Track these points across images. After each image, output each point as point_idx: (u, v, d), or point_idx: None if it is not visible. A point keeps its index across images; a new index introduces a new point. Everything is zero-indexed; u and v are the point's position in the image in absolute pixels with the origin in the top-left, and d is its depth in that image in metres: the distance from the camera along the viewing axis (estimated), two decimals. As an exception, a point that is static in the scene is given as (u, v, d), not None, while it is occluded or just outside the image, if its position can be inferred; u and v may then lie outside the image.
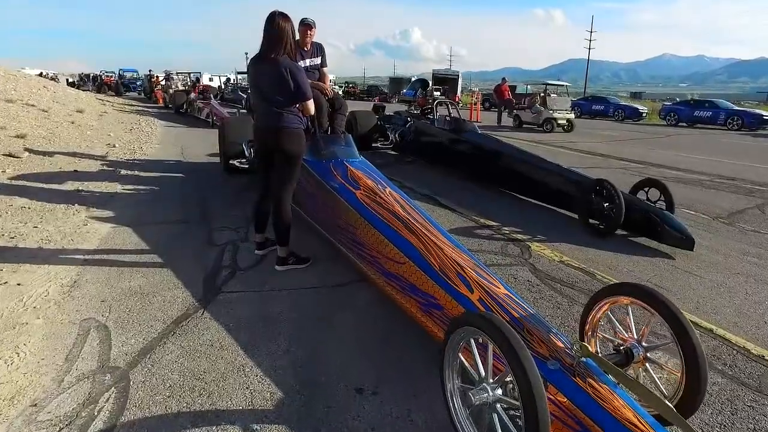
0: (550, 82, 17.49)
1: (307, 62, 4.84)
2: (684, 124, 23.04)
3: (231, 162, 6.13)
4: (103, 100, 21.57)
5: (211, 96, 16.07)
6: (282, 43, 2.96)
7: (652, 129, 20.18)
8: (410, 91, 14.70)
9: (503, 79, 16.56)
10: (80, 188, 5.47)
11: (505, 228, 4.58)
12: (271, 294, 2.99)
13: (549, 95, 16.24)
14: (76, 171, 6.40)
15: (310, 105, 3.12)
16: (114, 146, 8.74)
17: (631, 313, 1.93)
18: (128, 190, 5.56)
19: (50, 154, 7.34)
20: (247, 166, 5.92)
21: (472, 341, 1.66)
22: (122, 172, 6.48)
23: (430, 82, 42.57)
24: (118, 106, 19.87)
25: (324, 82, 5.01)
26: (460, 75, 43.02)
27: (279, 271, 3.29)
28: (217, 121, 13.21)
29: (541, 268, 3.59)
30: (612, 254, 3.94)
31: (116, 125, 12.59)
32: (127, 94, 30.81)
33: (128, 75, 35.47)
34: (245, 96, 20.71)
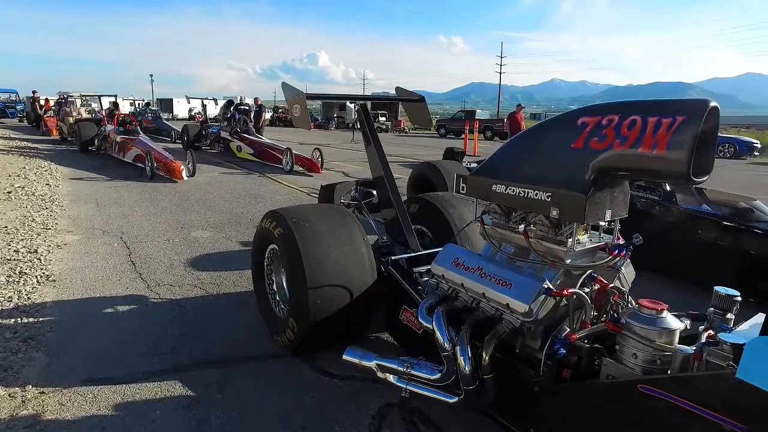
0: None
1: None
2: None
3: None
4: (-37, 132, 15.33)
5: (140, 130, 11.13)
6: None
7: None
8: None
9: (518, 106, 13.47)
10: None
11: None
12: None
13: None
14: None
15: None
16: (-30, 257, 4.04)
17: None
18: None
19: None
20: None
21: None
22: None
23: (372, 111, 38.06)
24: (-13, 142, 13.98)
25: None
26: (425, 101, 39.69)
27: None
28: (159, 169, 8.53)
29: None
30: None
31: (-19, 183, 7.46)
32: (1, 120, 23.96)
33: (3, 96, 27.96)
34: (180, 129, 15.30)
